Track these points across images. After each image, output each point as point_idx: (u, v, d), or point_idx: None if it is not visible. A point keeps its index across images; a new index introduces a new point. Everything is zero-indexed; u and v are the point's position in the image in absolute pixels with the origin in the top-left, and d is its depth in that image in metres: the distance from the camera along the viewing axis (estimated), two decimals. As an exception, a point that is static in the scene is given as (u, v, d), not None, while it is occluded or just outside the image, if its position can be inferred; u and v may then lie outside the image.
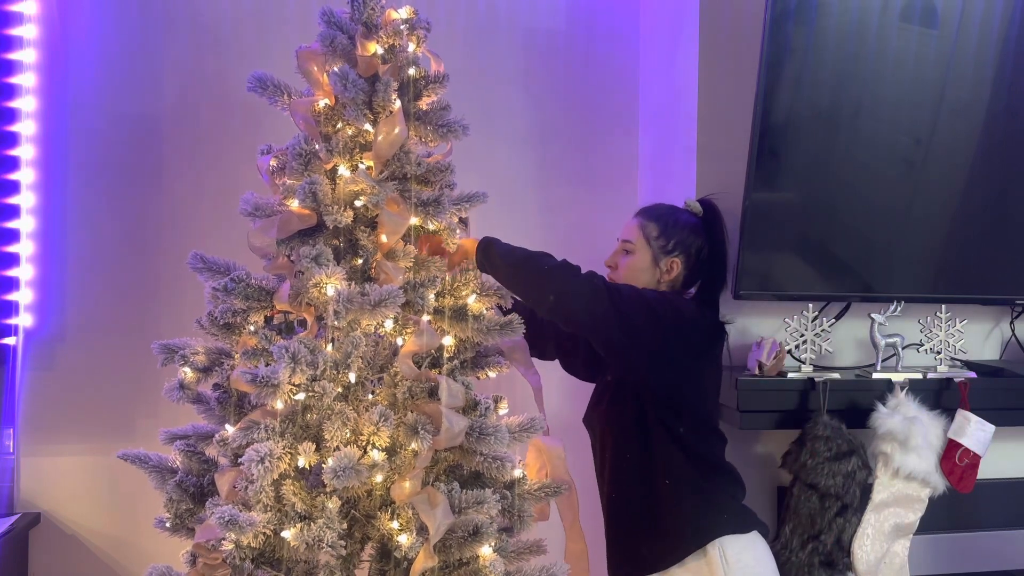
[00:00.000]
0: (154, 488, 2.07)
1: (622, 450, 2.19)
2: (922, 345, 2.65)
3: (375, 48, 2.01)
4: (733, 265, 2.51)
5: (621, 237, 2.28)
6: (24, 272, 2.75)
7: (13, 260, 2.74)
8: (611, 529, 2.27)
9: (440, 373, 1.98)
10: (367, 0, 2.02)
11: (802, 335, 2.57)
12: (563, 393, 3.05)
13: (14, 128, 2.74)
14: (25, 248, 2.76)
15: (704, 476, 2.14)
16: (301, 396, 1.84)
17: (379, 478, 1.87)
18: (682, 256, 2.20)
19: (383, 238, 1.96)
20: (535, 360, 2.20)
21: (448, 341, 2.04)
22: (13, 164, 2.74)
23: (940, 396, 2.59)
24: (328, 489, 1.82)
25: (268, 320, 2.02)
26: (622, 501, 2.23)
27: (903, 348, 2.62)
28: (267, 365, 1.84)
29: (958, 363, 2.71)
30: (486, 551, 1.90)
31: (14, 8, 2.73)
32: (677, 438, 2.12)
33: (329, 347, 1.89)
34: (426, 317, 1.99)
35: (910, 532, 2.54)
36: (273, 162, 2.06)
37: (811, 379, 2.53)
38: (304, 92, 2.08)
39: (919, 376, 2.59)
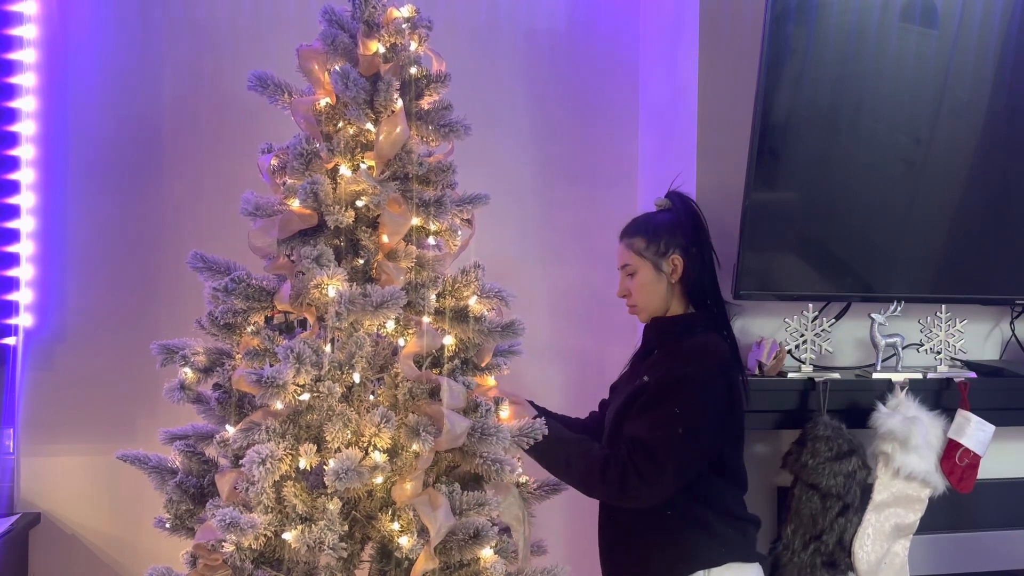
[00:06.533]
0: (154, 489, 2.07)
1: None
2: (922, 345, 2.65)
3: (377, 47, 2.00)
4: (733, 265, 2.51)
5: (619, 264, 2.27)
6: (24, 272, 2.75)
7: (13, 260, 2.73)
8: (603, 545, 2.28)
9: (440, 374, 1.98)
10: (368, -2, 2.01)
11: (802, 335, 2.57)
12: (563, 392, 3.05)
13: (14, 128, 2.73)
14: (25, 248, 2.75)
15: (709, 510, 2.12)
16: (306, 397, 1.84)
17: (380, 479, 1.87)
18: (678, 250, 2.19)
19: (384, 238, 1.96)
20: None
21: (448, 340, 2.03)
22: (13, 164, 2.73)
23: (940, 396, 2.60)
24: (329, 491, 1.82)
25: (268, 320, 2.01)
26: (616, 519, 2.22)
27: (903, 348, 2.62)
28: (271, 366, 1.83)
29: (958, 363, 2.72)
30: (487, 553, 1.90)
31: (14, 8, 2.72)
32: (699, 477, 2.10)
33: (328, 347, 1.88)
34: (427, 318, 1.99)
35: (910, 532, 2.54)
36: (274, 161, 2.05)
37: (811, 379, 2.53)
38: (304, 91, 2.08)
39: (919, 376, 2.59)
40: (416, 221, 1.99)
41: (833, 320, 2.66)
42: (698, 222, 2.23)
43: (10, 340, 2.73)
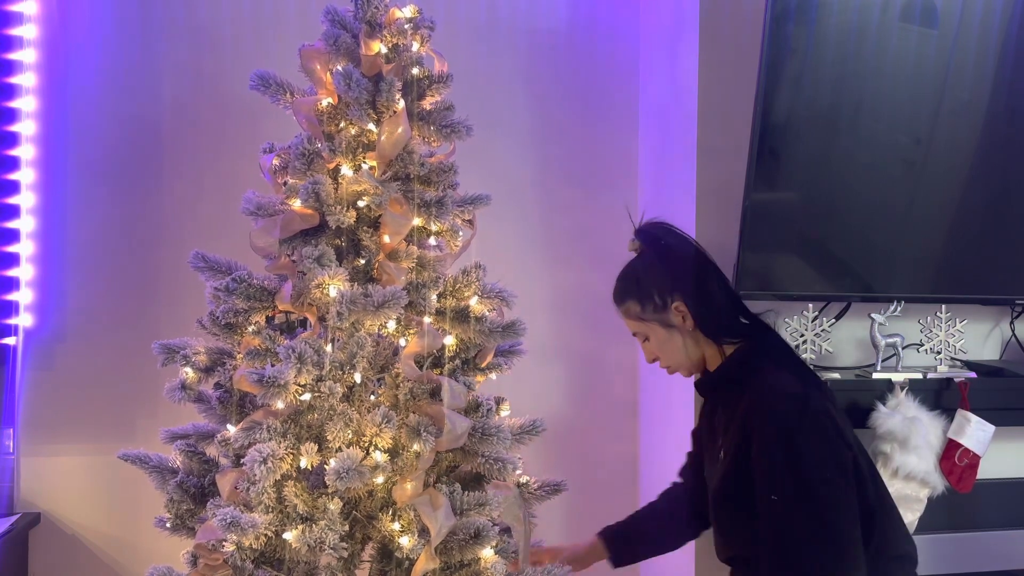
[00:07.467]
0: (155, 489, 2.07)
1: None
2: (922, 345, 2.65)
3: (379, 47, 2.01)
4: (733, 265, 2.51)
5: (631, 331, 2.06)
6: (24, 272, 2.75)
7: (13, 260, 2.73)
8: None
9: (441, 374, 1.98)
10: (371, -2, 2.02)
11: (802, 335, 2.57)
12: (564, 392, 3.05)
13: (14, 128, 2.73)
14: (25, 248, 2.75)
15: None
16: (307, 396, 1.84)
17: (380, 479, 1.87)
18: (674, 295, 1.94)
19: (386, 239, 1.96)
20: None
21: (449, 341, 2.04)
22: (13, 164, 2.73)
23: (940, 396, 2.60)
24: (330, 490, 1.82)
25: (269, 320, 2.02)
26: None
27: (903, 348, 2.62)
28: (272, 365, 1.83)
29: (958, 363, 2.72)
30: (487, 553, 1.90)
31: (14, 8, 2.72)
32: None
33: (329, 347, 1.88)
34: (428, 318, 1.99)
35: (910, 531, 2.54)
36: (276, 161, 2.05)
37: (811, 379, 2.53)
38: (306, 91, 2.08)
39: (919, 376, 2.59)
40: (417, 221, 2.00)
41: (833, 320, 2.66)
42: (677, 255, 1.98)
43: (10, 340, 2.73)
